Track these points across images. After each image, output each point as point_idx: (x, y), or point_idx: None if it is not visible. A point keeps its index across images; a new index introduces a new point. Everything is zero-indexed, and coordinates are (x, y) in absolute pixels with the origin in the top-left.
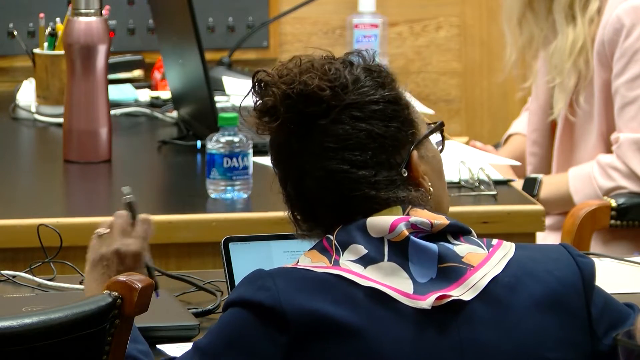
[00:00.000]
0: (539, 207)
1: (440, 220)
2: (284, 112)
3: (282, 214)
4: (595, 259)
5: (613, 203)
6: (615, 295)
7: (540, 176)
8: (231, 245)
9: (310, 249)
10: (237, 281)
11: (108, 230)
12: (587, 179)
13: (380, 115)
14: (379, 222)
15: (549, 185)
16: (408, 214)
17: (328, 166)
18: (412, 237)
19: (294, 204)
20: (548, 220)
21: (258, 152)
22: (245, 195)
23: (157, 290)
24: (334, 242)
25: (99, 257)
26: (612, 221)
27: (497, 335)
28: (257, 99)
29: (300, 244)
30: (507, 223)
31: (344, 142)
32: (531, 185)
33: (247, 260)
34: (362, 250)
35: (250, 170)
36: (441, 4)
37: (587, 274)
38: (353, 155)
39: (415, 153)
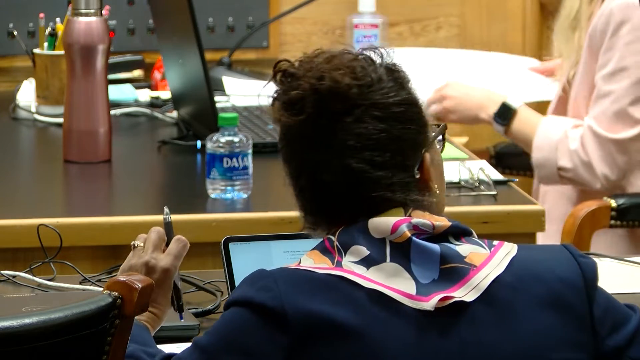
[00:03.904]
0: (539, 207)
1: (442, 222)
2: (310, 107)
3: (282, 214)
4: (595, 259)
5: (613, 203)
6: (616, 295)
7: (516, 107)
8: (231, 245)
9: (312, 249)
10: (237, 281)
11: (142, 244)
12: (553, 147)
13: (401, 117)
14: (381, 223)
15: (520, 123)
16: (409, 216)
17: (349, 164)
18: (414, 238)
19: (304, 195)
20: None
21: (258, 152)
22: (245, 195)
23: (181, 313)
24: (336, 243)
25: (128, 267)
26: (612, 221)
27: (499, 336)
28: (281, 89)
29: (300, 243)
30: (507, 223)
31: (365, 141)
32: (505, 113)
33: (247, 260)
34: (364, 251)
35: (250, 170)
36: (441, 4)
37: (589, 274)
38: (373, 155)
39: (427, 155)
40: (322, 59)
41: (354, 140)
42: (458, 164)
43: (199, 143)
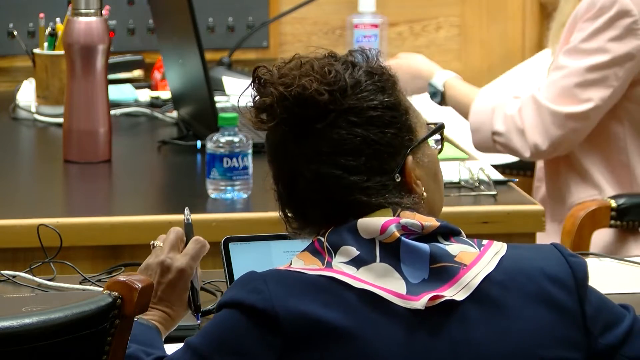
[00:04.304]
0: (539, 207)
1: (431, 222)
2: (280, 114)
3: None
4: (595, 259)
5: (613, 203)
6: (615, 295)
7: (441, 88)
8: (231, 245)
9: (303, 250)
10: None
11: (161, 244)
12: (490, 111)
13: (378, 122)
14: (370, 223)
15: (455, 94)
16: (398, 216)
17: (320, 170)
18: (403, 238)
19: (285, 202)
20: (548, 214)
21: (258, 152)
22: (245, 195)
23: (198, 314)
24: (326, 244)
25: (145, 266)
26: (612, 221)
27: (490, 335)
28: (256, 95)
29: (300, 244)
30: (507, 223)
31: (339, 147)
32: (435, 93)
33: (247, 260)
34: (353, 251)
35: (250, 170)
36: (441, 4)
37: (580, 274)
38: (346, 160)
39: (410, 159)
40: (294, 64)
41: (326, 146)
42: (458, 164)
43: (199, 143)
